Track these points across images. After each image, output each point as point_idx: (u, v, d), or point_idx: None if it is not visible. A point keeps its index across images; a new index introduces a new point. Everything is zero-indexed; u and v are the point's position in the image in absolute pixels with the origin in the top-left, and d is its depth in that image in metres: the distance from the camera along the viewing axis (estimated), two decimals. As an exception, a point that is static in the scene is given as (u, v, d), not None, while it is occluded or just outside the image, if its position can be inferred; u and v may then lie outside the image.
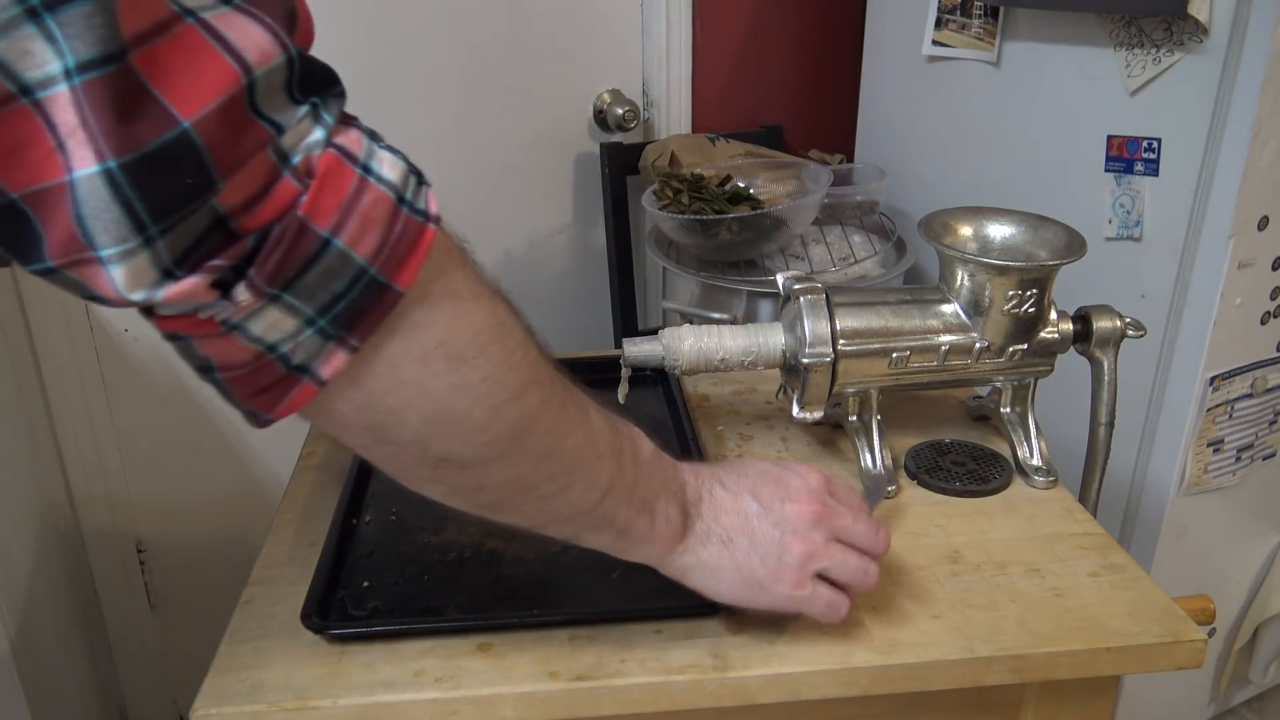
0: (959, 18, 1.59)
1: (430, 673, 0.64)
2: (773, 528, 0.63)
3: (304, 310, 0.45)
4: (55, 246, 0.40)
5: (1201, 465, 1.46)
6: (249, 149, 0.41)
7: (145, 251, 0.40)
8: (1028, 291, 0.81)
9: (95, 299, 0.43)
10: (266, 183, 0.42)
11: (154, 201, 0.39)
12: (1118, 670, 0.68)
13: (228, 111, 0.40)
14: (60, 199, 0.39)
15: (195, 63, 0.40)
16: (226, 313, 0.44)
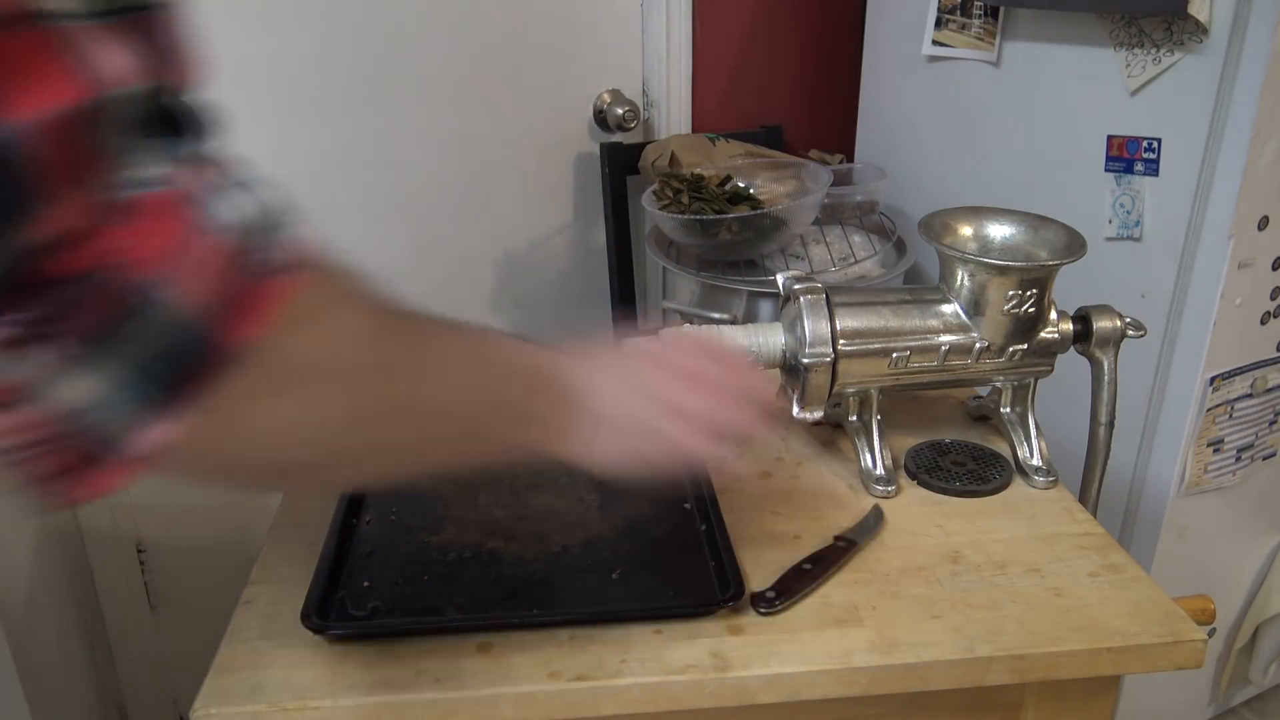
0: (959, 18, 1.59)
1: (430, 673, 0.64)
2: (648, 401, 0.63)
3: (119, 372, 0.37)
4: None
5: (1201, 465, 1.45)
6: (77, 176, 0.35)
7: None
8: (1028, 291, 0.81)
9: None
10: (90, 221, 0.35)
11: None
12: (1118, 670, 0.68)
13: (63, 127, 0.34)
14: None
15: (39, 65, 0.33)
16: (21, 375, 0.36)
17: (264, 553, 0.77)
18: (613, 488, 0.83)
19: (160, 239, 0.37)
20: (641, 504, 0.81)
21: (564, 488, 0.84)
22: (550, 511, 0.80)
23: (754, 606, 0.69)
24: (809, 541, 0.76)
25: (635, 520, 0.79)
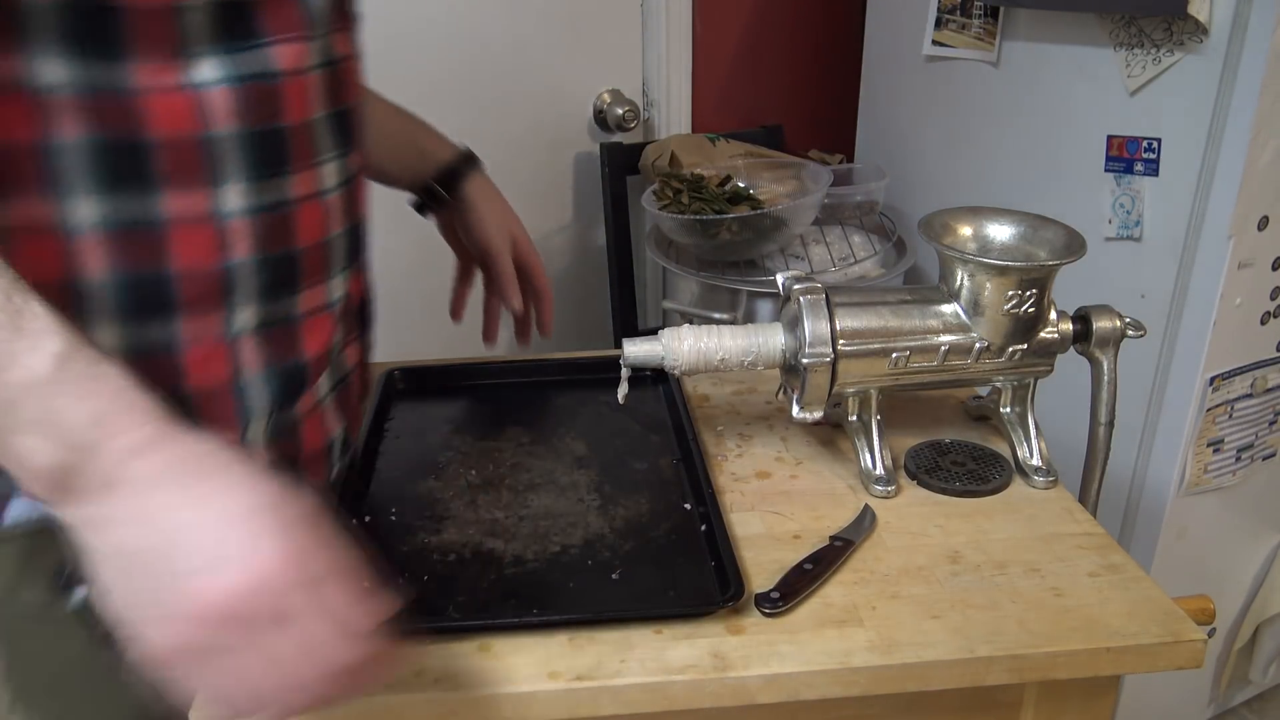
0: (959, 18, 1.59)
1: (430, 673, 0.64)
2: (173, 568, 0.46)
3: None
4: None
5: (1201, 465, 1.46)
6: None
7: None
8: (1027, 291, 0.81)
9: None
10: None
11: None
12: (1117, 670, 0.68)
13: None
14: None
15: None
16: None
17: (264, 553, 0.77)
18: (613, 488, 0.84)
19: None
20: (641, 504, 0.81)
21: (564, 488, 0.84)
22: (550, 511, 0.80)
23: (758, 607, 0.69)
24: (809, 541, 0.76)
25: (635, 520, 0.79)
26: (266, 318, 0.65)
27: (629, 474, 0.86)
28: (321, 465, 0.74)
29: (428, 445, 0.91)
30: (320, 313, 0.69)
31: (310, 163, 0.65)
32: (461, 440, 0.91)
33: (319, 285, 0.68)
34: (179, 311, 0.61)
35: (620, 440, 0.91)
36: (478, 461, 0.88)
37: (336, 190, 0.68)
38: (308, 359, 0.69)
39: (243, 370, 0.65)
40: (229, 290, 0.62)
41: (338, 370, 0.74)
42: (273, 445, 0.68)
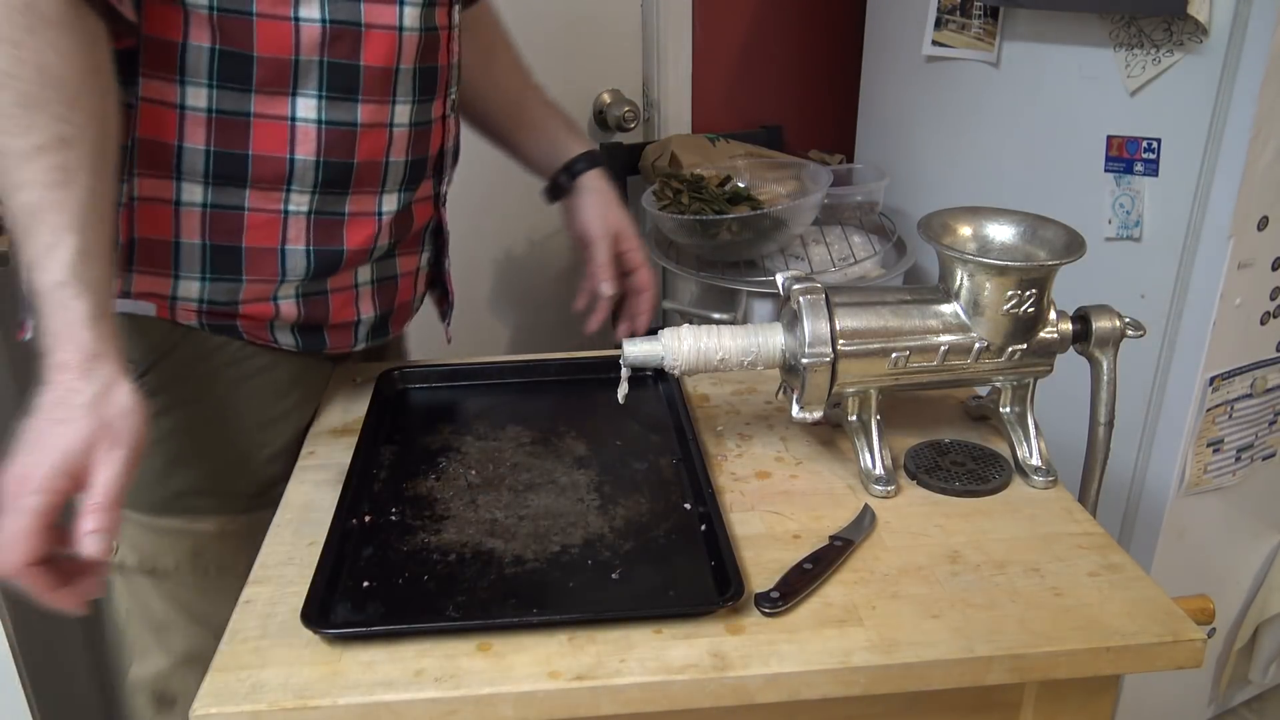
0: (959, 18, 1.59)
1: (430, 673, 0.64)
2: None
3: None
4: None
5: (1201, 465, 1.46)
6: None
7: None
8: (1027, 291, 0.81)
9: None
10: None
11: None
12: (1117, 670, 0.68)
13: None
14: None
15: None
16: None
17: (264, 553, 0.77)
18: (613, 488, 0.84)
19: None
20: (641, 504, 0.81)
21: (564, 488, 0.84)
22: (550, 511, 0.80)
23: (758, 607, 0.69)
24: (809, 541, 0.76)
25: (635, 520, 0.79)
26: (317, 207, 0.85)
27: (629, 474, 0.86)
28: (346, 336, 0.95)
29: (428, 445, 0.91)
30: (366, 216, 0.89)
31: (382, 99, 0.85)
32: (461, 440, 0.91)
33: (369, 194, 0.88)
34: (248, 185, 0.82)
35: (620, 440, 0.91)
36: (478, 461, 0.88)
37: (407, 127, 0.87)
38: (345, 249, 0.88)
39: (288, 241, 0.86)
40: (289, 177, 0.83)
41: (383, 269, 0.95)
42: (301, 305, 0.90)
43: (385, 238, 0.91)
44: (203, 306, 0.86)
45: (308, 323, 0.91)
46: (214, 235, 0.84)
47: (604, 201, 1.08)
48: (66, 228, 0.66)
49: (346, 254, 0.89)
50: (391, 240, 0.93)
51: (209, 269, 0.85)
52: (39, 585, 0.62)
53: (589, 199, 1.08)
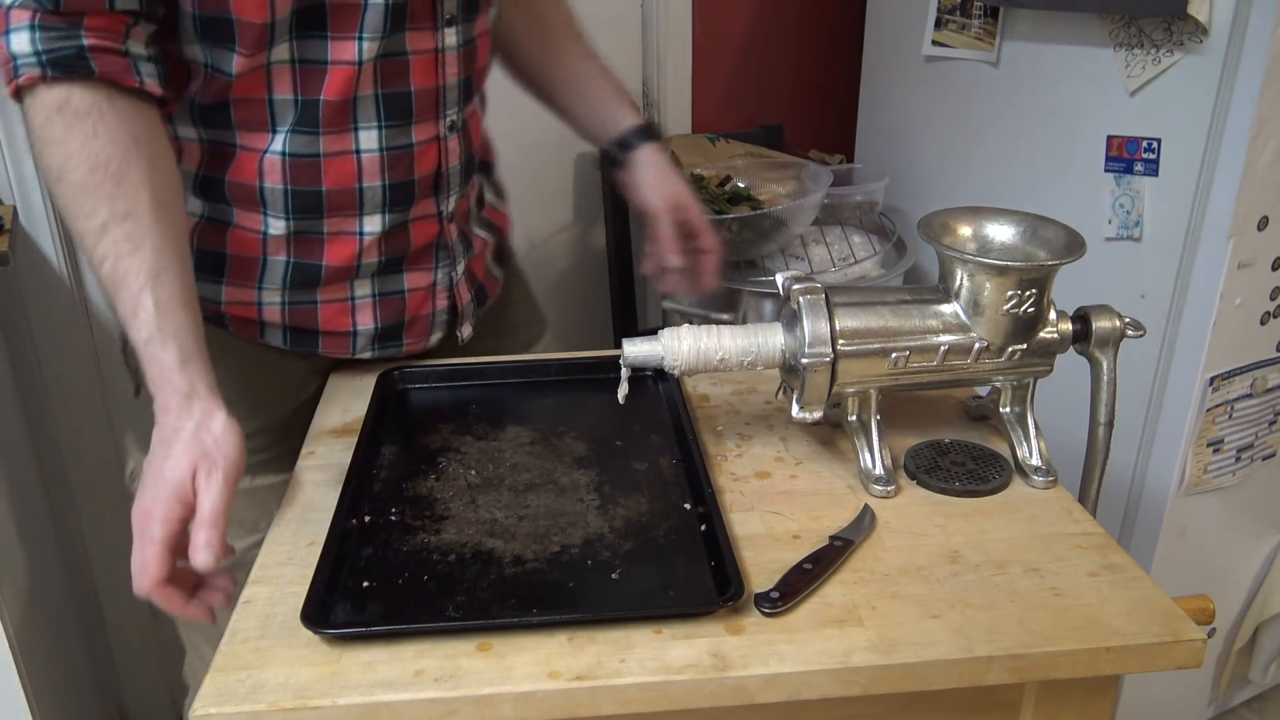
0: (959, 18, 1.59)
1: (430, 673, 0.64)
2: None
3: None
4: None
5: (1201, 465, 1.46)
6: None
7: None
8: (1027, 291, 0.81)
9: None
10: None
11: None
12: (1117, 670, 0.68)
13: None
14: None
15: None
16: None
17: (264, 553, 0.77)
18: (613, 488, 0.84)
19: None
20: (641, 504, 0.81)
21: (564, 488, 0.84)
22: (550, 511, 0.80)
23: (758, 607, 0.69)
24: (809, 541, 0.76)
25: (635, 520, 0.79)
26: (295, 229, 0.92)
27: (629, 474, 0.86)
28: (342, 343, 1.00)
29: (428, 445, 0.91)
30: (346, 236, 0.94)
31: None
32: (461, 440, 0.91)
33: (347, 217, 0.93)
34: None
35: (620, 440, 0.91)
36: (478, 461, 0.88)
37: (377, 153, 0.91)
38: (324, 264, 0.95)
39: (269, 253, 0.93)
40: (264, 202, 0.90)
41: (385, 284, 0.99)
42: (286, 312, 0.96)
43: (373, 255, 0.96)
44: (207, 300, 0.93)
45: (295, 326, 0.97)
46: (201, 241, 0.92)
47: (660, 174, 1.09)
48: (142, 289, 0.75)
49: (326, 269, 0.95)
50: (382, 257, 0.96)
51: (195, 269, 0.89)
52: (171, 601, 0.70)
53: (646, 173, 1.09)
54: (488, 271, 1.10)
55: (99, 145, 0.75)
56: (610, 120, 1.12)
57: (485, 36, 0.97)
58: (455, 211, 1.01)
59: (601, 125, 1.12)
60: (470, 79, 0.96)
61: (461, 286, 1.04)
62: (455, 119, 0.96)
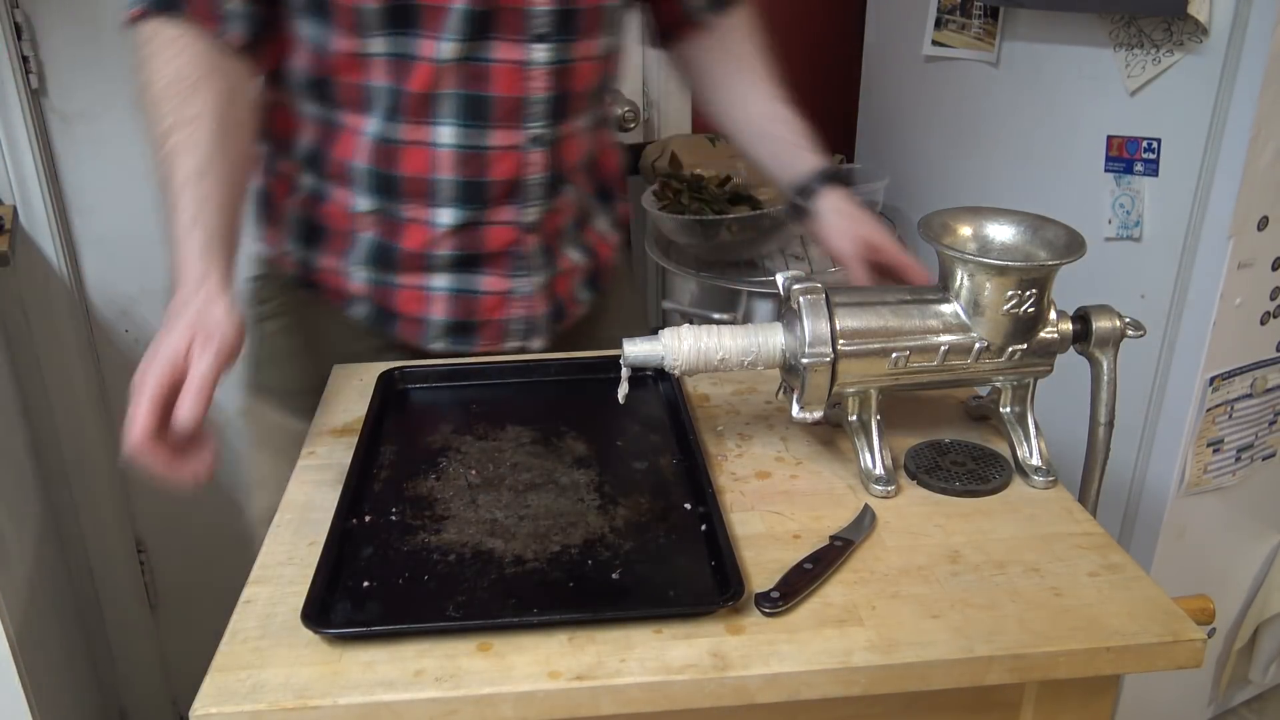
0: (959, 18, 1.59)
1: (430, 673, 0.64)
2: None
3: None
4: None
5: (1201, 465, 1.46)
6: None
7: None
8: (1027, 291, 0.81)
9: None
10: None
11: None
12: (1117, 670, 0.68)
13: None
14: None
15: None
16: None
17: (264, 553, 0.77)
18: (613, 488, 0.84)
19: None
20: (642, 504, 0.81)
21: (564, 488, 0.84)
22: (550, 511, 0.80)
23: (758, 607, 0.69)
24: (809, 541, 0.76)
25: (635, 520, 0.79)
26: (378, 206, 0.99)
27: (629, 474, 0.86)
28: (417, 330, 1.04)
29: (428, 445, 0.91)
30: (420, 224, 0.99)
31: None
32: (461, 440, 0.91)
33: (421, 205, 0.98)
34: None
35: (620, 440, 0.91)
36: (478, 461, 0.88)
37: (452, 148, 0.95)
38: (401, 247, 1.00)
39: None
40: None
41: (461, 281, 1.03)
42: (371, 288, 1.02)
43: (446, 247, 1.00)
44: (299, 263, 1.05)
45: (378, 305, 1.04)
46: (309, 213, 1.02)
47: (845, 218, 1.05)
48: (184, 184, 0.85)
49: (402, 252, 1.00)
50: (456, 252, 1.01)
51: (300, 237, 1.03)
52: (156, 459, 0.75)
53: (830, 219, 1.05)
54: (572, 294, 1.10)
55: (179, 64, 0.86)
56: (790, 165, 1.09)
57: (591, 62, 0.98)
58: (539, 225, 1.02)
59: (781, 171, 1.10)
60: (564, 97, 0.97)
61: (538, 300, 1.05)
62: (541, 133, 0.97)
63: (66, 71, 1.51)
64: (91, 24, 1.49)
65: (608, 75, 1.04)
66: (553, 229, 1.05)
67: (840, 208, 1.05)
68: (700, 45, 1.14)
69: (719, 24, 1.13)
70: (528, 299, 1.05)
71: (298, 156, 1.01)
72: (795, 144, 1.09)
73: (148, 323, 1.65)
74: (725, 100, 1.13)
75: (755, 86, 1.13)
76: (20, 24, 1.46)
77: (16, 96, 1.47)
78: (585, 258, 1.11)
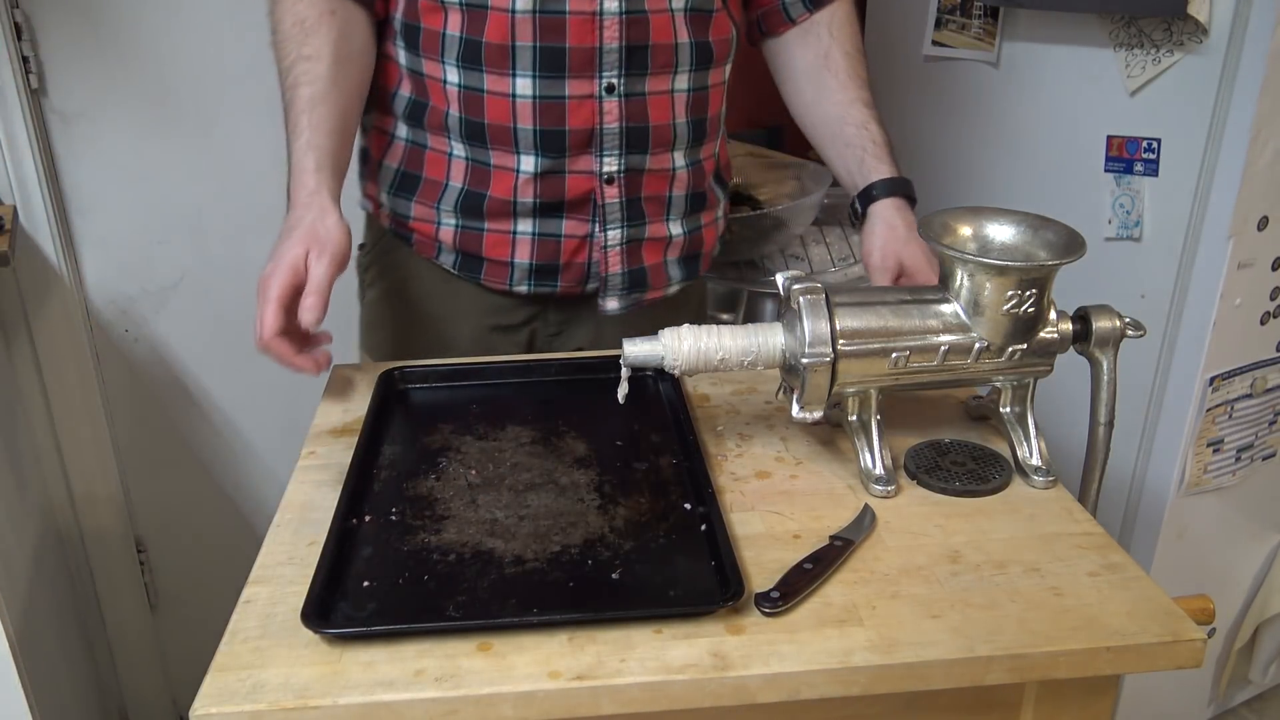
0: (959, 18, 1.59)
1: (430, 673, 0.64)
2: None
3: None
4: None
5: (1201, 465, 1.46)
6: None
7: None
8: (1027, 291, 0.81)
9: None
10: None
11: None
12: (1117, 670, 0.68)
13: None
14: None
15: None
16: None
17: (264, 553, 0.77)
18: (613, 488, 0.84)
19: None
20: (642, 504, 0.81)
21: (564, 488, 0.84)
22: (550, 511, 0.80)
23: (758, 606, 0.69)
24: (809, 541, 0.76)
25: (635, 520, 0.79)
26: (469, 154, 1.05)
27: (629, 474, 0.86)
28: (501, 273, 1.09)
29: (428, 445, 0.91)
30: (505, 171, 1.04)
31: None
32: (461, 440, 0.91)
33: (505, 152, 1.03)
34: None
35: (620, 440, 0.91)
36: (478, 461, 0.88)
37: (530, 99, 1.00)
38: (489, 194, 1.05)
39: (450, 179, 1.06)
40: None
41: (544, 225, 1.07)
42: (458, 234, 1.08)
43: (528, 194, 1.04)
44: (393, 215, 1.12)
45: (465, 251, 1.09)
46: (405, 163, 1.09)
47: (888, 233, 1.05)
48: (302, 112, 0.95)
49: (489, 199, 1.05)
50: (538, 199, 1.05)
51: (394, 187, 1.10)
52: (284, 352, 0.87)
53: (874, 229, 1.06)
54: (662, 266, 1.12)
55: (301, 8, 0.97)
56: (858, 171, 1.09)
57: (666, 14, 1.00)
58: (620, 177, 1.04)
59: (848, 175, 1.10)
60: (639, 49, 1.00)
61: (614, 255, 1.07)
62: (615, 83, 1.00)
63: (66, 71, 1.50)
64: (91, 24, 1.49)
65: (699, 38, 1.04)
66: (645, 190, 1.06)
67: (889, 219, 1.05)
68: (791, 40, 1.14)
69: (813, 20, 1.12)
70: (605, 252, 1.07)
71: (397, 107, 1.07)
72: (865, 150, 1.09)
73: (148, 323, 1.65)
74: (807, 98, 1.14)
75: (844, 86, 1.12)
76: (20, 24, 1.46)
77: (16, 96, 1.46)
78: (687, 235, 1.12)
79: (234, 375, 1.71)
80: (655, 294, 1.13)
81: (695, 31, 1.04)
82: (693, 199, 1.11)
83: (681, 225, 1.11)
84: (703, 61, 1.05)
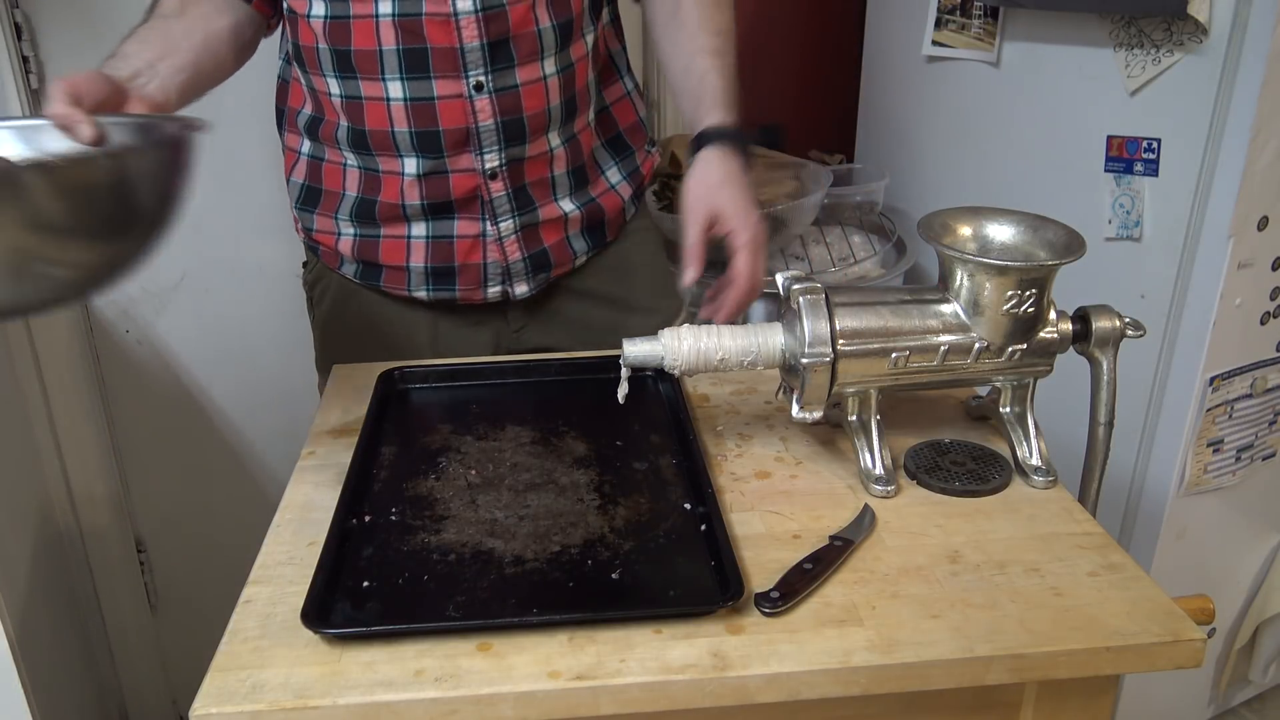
0: (959, 18, 1.59)
1: (430, 673, 0.64)
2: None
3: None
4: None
5: (1201, 465, 1.46)
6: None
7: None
8: (1027, 291, 0.81)
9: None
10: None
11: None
12: (1117, 670, 0.68)
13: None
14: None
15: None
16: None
17: (264, 553, 0.77)
18: (613, 488, 0.84)
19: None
20: (641, 504, 0.81)
21: (564, 488, 0.84)
22: (550, 511, 0.80)
23: (758, 607, 0.69)
24: (809, 541, 0.76)
25: (635, 520, 0.79)
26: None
27: (629, 474, 0.86)
28: (400, 278, 1.10)
29: (427, 445, 0.91)
30: (391, 175, 1.05)
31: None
32: (461, 440, 0.91)
33: (389, 156, 1.04)
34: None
35: (620, 440, 0.91)
36: (478, 461, 0.88)
37: (402, 101, 1.00)
38: (378, 199, 1.07)
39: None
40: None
41: (437, 228, 1.08)
42: (356, 243, 1.09)
43: (414, 197, 1.05)
44: (304, 230, 1.14)
45: (363, 259, 1.10)
46: (308, 177, 1.10)
47: (707, 179, 1.01)
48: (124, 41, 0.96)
49: (380, 205, 1.07)
50: (424, 200, 1.05)
51: (300, 201, 1.12)
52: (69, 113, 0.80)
53: (694, 174, 1.02)
54: (564, 243, 1.12)
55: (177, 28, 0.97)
56: (695, 118, 1.06)
57: (522, 6, 0.99)
58: (503, 171, 1.04)
59: (690, 127, 1.07)
60: (501, 44, 0.99)
61: (511, 244, 1.08)
62: (483, 80, 1.00)
63: (66, 71, 1.50)
64: (91, 24, 1.49)
65: (561, 19, 1.02)
66: (529, 176, 1.06)
67: (705, 169, 1.02)
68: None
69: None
70: (500, 244, 1.08)
71: (300, 125, 1.09)
72: (700, 100, 1.06)
73: (148, 323, 1.65)
74: (663, 54, 1.12)
75: (686, 38, 1.09)
76: (20, 24, 1.46)
77: (16, 96, 1.46)
78: (583, 209, 1.12)
79: (234, 375, 1.71)
80: (562, 270, 1.13)
81: (556, 13, 1.02)
82: (575, 174, 1.10)
83: (572, 201, 1.11)
84: (565, 40, 1.04)
